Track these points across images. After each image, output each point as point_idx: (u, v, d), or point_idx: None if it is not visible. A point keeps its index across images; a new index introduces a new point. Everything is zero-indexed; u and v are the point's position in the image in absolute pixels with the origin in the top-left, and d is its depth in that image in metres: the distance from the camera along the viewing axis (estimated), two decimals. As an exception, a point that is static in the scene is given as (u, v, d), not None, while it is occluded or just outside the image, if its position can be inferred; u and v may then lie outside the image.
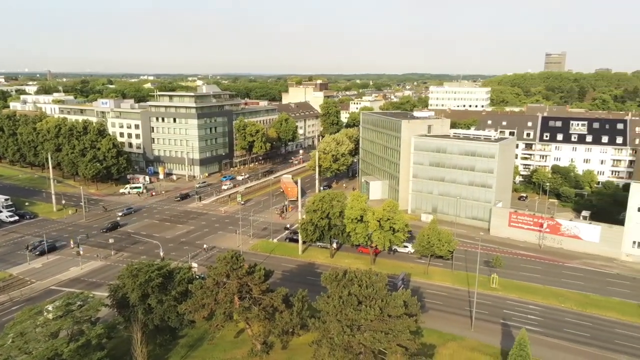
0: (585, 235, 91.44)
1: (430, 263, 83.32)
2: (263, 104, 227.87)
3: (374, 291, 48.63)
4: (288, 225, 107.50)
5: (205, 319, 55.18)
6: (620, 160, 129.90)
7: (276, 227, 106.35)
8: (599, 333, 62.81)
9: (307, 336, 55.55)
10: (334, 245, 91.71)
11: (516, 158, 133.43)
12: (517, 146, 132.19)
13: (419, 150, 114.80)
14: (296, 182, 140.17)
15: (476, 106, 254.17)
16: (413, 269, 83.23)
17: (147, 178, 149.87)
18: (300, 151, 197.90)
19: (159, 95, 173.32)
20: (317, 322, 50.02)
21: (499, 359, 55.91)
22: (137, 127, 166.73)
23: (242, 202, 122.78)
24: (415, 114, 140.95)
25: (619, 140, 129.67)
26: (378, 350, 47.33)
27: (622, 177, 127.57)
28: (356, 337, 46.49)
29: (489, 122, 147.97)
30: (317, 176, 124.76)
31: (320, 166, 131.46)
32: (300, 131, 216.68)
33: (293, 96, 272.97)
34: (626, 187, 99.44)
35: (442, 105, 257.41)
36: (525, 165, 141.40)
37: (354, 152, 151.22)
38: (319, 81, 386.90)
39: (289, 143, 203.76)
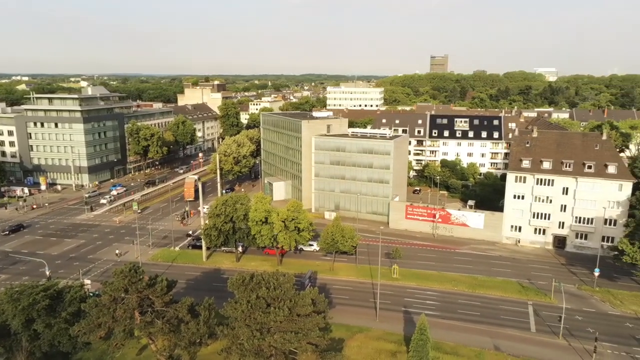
0: (471, 222, 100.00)
1: (335, 259, 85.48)
2: (157, 106, 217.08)
3: (282, 292, 48.64)
4: (190, 232, 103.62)
5: (102, 339, 51.08)
6: (497, 153, 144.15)
7: (177, 234, 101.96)
8: (487, 311, 69.08)
9: (215, 345, 53.97)
10: (240, 248, 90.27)
11: (409, 154, 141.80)
12: (409, 143, 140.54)
13: (320, 149, 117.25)
14: (196, 182, 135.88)
15: (371, 105, 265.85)
16: (319, 266, 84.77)
17: (26, 190, 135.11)
18: (200, 154, 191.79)
19: (37, 98, 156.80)
20: (226, 329, 48.82)
21: (403, 344, 58.99)
22: (10, 133, 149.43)
23: (139, 211, 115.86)
24: (315, 114, 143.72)
25: (496, 135, 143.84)
26: (289, 351, 47.45)
27: (499, 168, 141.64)
28: (266, 340, 46.15)
29: (384, 120, 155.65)
30: (218, 179, 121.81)
31: (221, 169, 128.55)
32: (199, 134, 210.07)
33: (189, 97, 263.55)
34: (503, 177, 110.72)
35: (340, 105, 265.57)
36: (418, 160, 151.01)
37: (256, 153, 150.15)
38: (216, 82, 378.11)
39: (188, 146, 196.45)
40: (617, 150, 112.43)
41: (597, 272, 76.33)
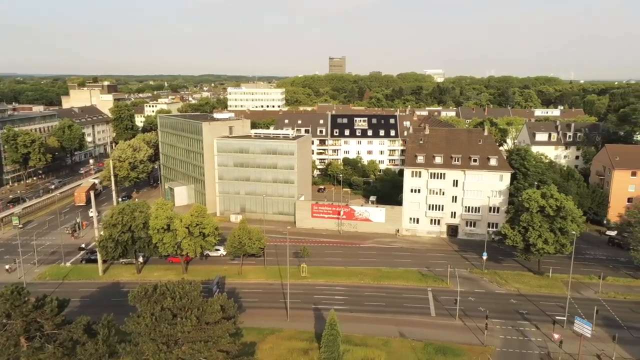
0: (374, 217, 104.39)
1: (243, 263, 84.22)
2: (38, 109, 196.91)
3: (188, 301, 46.75)
4: (83, 245, 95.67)
5: (-19, 374, 45.18)
6: (394, 150, 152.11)
7: (68, 248, 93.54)
8: (392, 300, 72.58)
9: (117, 364, 50.31)
10: (141, 259, 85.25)
11: (313, 153, 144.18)
12: (312, 142, 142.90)
13: (223, 151, 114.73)
14: (93, 186, 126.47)
15: (273, 106, 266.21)
16: (227, 270, 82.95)
17: None
18: (91, 160, 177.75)
19: None
20: (129, 346, 45.79)
21: (314, 341, 59.83)
22: None
23: (20, 225, 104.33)
24: (216, 115, 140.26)
25: (392, 133, 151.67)
26: (199, 361, 45.76)
27: (397, 165, 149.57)
28: (174, 353, 44.10)
29: (286, 121, 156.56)
30: (113, 187, 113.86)
31: (116, 175, 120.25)
32: (89, 138, 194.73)
33: (76, 99, 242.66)
34: (401, 173, 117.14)
35: (242, 106, 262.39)
36: (321, 159, 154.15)
37: (154, 157, 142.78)
38: (106, 83, 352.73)
39: (76, 152, 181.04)
40: (497, 144, 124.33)
41: (485, 256, 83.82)
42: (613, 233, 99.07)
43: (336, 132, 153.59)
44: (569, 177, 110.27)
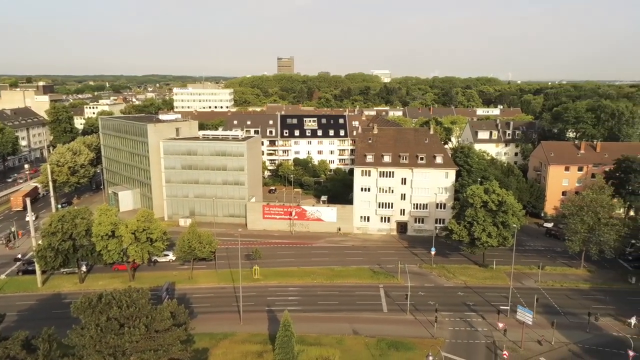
0: (325, 216, 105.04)
1: (193, 267, 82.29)
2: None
3: (136, 310, 45.12)
4: (19, 255, 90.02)
5: None
6: (344, 150, 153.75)
7: (2, 259, 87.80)
8: (345, 298, 73.34)
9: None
10: (84, 268, 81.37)
11: (263, 154, 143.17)
12: (262, 143, 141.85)
13: (169, 154, 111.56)
14: (34, 190, 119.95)
15: (221, 107, 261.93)
16: (177, 276, 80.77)
17: None
18: (26, 166, 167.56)
19: None
20: (72, 360, 43.54)
21: (269, 344, 59.41)
22: None
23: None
24: (162, 116, 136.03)
25: (342, 132, 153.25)
26: (149, 371, 44.24)
27: (347, 164, 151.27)
28: (122, 364, 42.39)
29: (235, 122, 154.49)
30: (51, 193, 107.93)
31: (55, 181, 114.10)
32: (23, 142, 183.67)
33: (7, 101, 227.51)
34: (351, 172, 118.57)
35: (188, 107, 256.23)
36: (271, 160, 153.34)
37: (96, 161, 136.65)
38: (41, 83, 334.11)
39: (9, 157, 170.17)
40: (442, 143, 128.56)
41: (433, 251, 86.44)
42: (550, 225, 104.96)
43: (286, 133, 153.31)
44: (509, 173, 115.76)
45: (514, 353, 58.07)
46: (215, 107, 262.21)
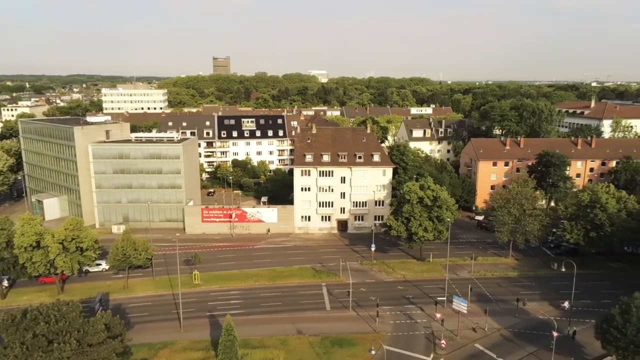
0: (266, 217, 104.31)
1: (129, 276, 78.75)
2: None
3: (66, 324, 42.49)
4: None
5: None
6: (284, 150, 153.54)
7: None
8: (288, 299, 73.20)
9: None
10: (5, 282, 75.43)
11: (200, 156, 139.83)
12: (199, 145, 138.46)
13: (99, 158, 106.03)
14: None
15: (155, 108, 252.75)
16: (111, 286, 76.93)
17: None
18: None
19: None
20: (-6, 384, 40.24)
21: (211, 350, 58.04)
22: None
23: None
24: (90, 119, 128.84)
25: (281, 133, 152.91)
26: (82, 388, 41.82)
27: (287, 164, 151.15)
28: (52, 383, 39.73)
29: (170, 123, 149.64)
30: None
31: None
32: None
33: None
34: (291, 172, 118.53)
35: (119, 108, 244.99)
36: (209, 162, 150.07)
37: (17, 167, 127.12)
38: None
39: None
40: (379, 141, 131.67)
41: (373, 248, 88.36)
42: (481, 217, 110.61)
43: (224, 134, 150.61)
44: (442, 169, 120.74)
45: (451, 341, 60.60)
46: (149, 108, 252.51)
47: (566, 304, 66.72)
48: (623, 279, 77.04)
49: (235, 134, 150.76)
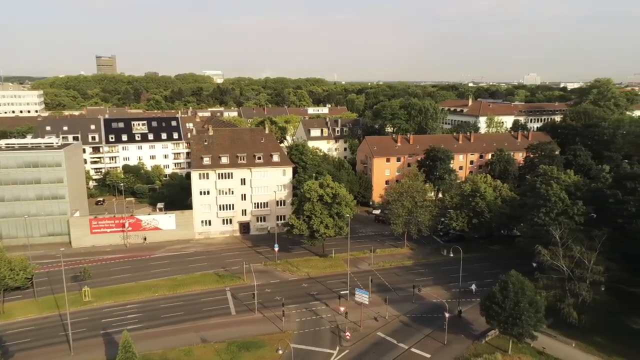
0: (163, 225, 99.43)
1: (4, 299, 70.21)
2: None
3: None
4: None
5: None
6: (180, 153, 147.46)
7: None
8: (191, 307, 70.45)
9: None
10: None
11: (86, 163, 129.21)
12: (84, 151, 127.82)
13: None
14: None
15: (29, 111, 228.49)
16: (-17, 313, 67.97)
17: None
18: None
19: None
20: None
21: (107, 370, 53.97)
22: None
23: None
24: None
25: (175, 135, 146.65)
26: None
27: (184, 168, 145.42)
28: None
29: (48, 128, 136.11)
30: None
31: None
32: None
33: None
34: (188, 176, 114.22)
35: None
36: (97, 169, 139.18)
37: None
38: None
39: None
40: (278, 141, 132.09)
41: (276, 248, 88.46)
42: (378, 211, 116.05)
43: (112, 138, 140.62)
44: (340, 167, 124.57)
45: (355, 332, 62.79)
46: (21, 111, 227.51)
47: (473, 286, 72.69)
48: (501, 259, 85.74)
49: (125, 137, 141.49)
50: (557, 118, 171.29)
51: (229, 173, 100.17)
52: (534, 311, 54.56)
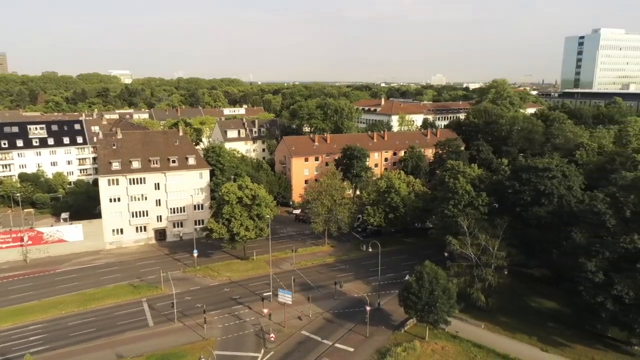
0: (69, 236, 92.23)
1: None
2: None
3: None
4: None
5: None
6: (85, 159, 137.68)
7: None
8: (103, 323, 65.99)
9: None
10: None
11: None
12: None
13: None
14: None
15: None
16: None
17: None
18: None
19: None
20: None
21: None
22: None
23: None
24: None
25: (80, 140, 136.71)
26: None
27: (90, 174, 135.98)
28: None
29: None
30: None
31: None
32: None
33: None
34: (96, 182, 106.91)
35: None
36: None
37: None
38: None
39: None
40: (194, 143, 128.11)
41: (195, 253, 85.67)
42: (298, 211, 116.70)
43: (4, 144, 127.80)
44: (259, 168, 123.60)
45: (279, 333, 62.61)
46: None
47: (407, 277, 75.17)
48: (416, 251, 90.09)
49: (20, 143, 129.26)
50: (462, 116, 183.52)
51: (141, 178, 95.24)
52: (447, 298, 58.00)
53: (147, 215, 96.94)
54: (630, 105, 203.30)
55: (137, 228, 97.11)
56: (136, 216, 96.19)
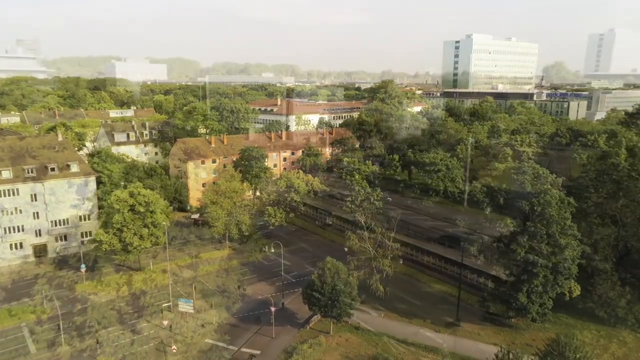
0: None
1: None
2: None
3: None
4: None
5: None
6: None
7: None
8: (-27, 356, 58.16)
9: None
10: None
11: None
12: None
13: None
14: None
15: None
16: None
17: None
18: None
19: None
20: None
21: None
22: None
23: None
24: None
25: None
26: None
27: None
28: None
29: None
30: None
31: None
32: None
33: None
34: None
35: None
36: None
37: None
38: None
39: None
40: (76, 149, 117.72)
41: (83, 268, 78.88)
42: (196, 216, 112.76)
43: None
44: (152, 172, 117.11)
45: (182, 344, 60.08)
46: None
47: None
48: (320, 248, 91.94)
49: None
50: (355, 115, 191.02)
51: (14, 189, 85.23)
52: (349, 291, 60.06)
53: (23, 230, 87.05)
54: (500, 103, 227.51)
55: (11, 245, 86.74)
56: (10, 232, 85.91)
